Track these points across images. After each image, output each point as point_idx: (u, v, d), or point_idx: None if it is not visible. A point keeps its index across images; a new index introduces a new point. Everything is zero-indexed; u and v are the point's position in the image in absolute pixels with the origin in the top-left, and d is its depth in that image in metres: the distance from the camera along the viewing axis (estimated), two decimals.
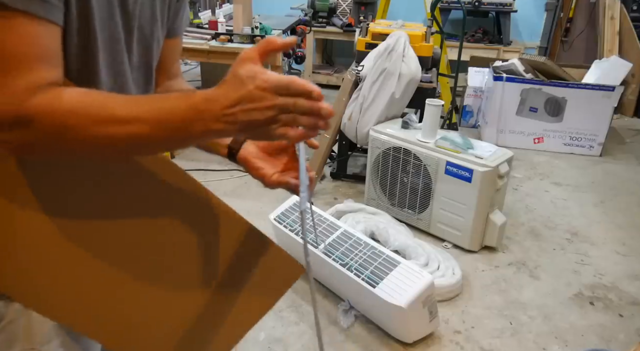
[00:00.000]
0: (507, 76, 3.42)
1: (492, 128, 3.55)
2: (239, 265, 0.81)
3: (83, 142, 0.56)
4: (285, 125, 0.55)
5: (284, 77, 0.54)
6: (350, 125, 2.66)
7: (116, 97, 0.58)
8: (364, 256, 1.79)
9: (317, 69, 4.83)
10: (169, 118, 0.55)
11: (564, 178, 3.15)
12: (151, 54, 0.78)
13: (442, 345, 1.79)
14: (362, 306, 1.86)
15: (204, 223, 0.77)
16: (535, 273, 2.21)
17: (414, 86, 2.55)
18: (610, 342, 1.83)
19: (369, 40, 2.73)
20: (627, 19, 4.22)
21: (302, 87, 0.54)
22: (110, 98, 0.58)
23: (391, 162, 2.45)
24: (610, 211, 2.77)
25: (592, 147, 3.49)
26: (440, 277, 1.99)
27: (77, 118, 0.55)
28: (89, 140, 0.56)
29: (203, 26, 3.17)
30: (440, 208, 2.34)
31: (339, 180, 2.95)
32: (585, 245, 2.44)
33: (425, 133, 2.33)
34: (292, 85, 0.54)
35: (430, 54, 2.71)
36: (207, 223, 0.78)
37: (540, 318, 1.94)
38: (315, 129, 0.57)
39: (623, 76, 3.40)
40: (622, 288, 2.13)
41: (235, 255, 0.80)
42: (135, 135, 0.56)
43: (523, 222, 2.62)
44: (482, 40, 4.53)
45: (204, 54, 2.97)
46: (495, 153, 2.21)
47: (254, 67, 0.54)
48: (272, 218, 2.07)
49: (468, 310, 1.97)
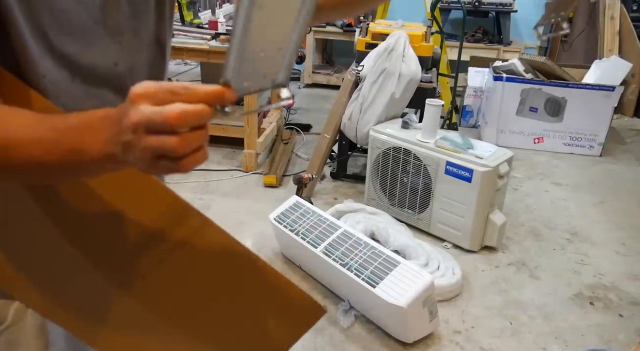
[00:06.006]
0: (507, 76, 3.42)
1: (492, 128, 3.55)
2: (253, 305, 0.78)
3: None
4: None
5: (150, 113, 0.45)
6: (350, 125, 2.66)
7: (21, 117, 0.53)
8: (364, 256, 1.79)
9: (317, 68, 4.83)
10: (61, 137, 0.50)
11: (564, 178, 3.15)
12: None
13: (442, 345, 1.79)
14: (362, 306, 1.86)
15: (215, 263, 0.74)
16: (535, 273, 2.21)
17: (414, 86, 2.55)
18: (610, 342, 1.83)
19: (369, 40, 2.73)
20: (627, 19, 4.22)
21: (163, 123, 0.45)
22: (16, 118, 0.52)
23: (391, 162, 2.45)
24: (610, 211, 2.77)
25: (592, 147, 3.49)
26: (440, 277, 1.99)
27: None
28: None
29: (203, 26, 3.17)
30: (440, 208, 2.34)
31: (339, 180, 2.95)
32: (585, 245, 2.44)
33: (425, 133, 2.33)
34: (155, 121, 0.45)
35: (430, 54, 2.71)
36: (219, 262, 0.74)
37: (540, 318, 1.94)
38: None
39: (623, 76, 3.39)
40: (622, 288, 2.13)
41: (248, 295, 0.77)
42: (29, 160, 0.51)
43: (523, 222, 2.62)
44: (482, 40, 4.53)
45: (204, 54, 2.97)
46: (495, 153, 2.21)
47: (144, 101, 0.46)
48: (272, 218, 2.07)
49: (468, 310, 1.97)
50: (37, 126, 0.51)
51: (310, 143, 3.20)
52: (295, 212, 2.05)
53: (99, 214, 0.68)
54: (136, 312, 0.74)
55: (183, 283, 0.74)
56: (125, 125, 0.46)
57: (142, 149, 0.46)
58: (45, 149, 0.50)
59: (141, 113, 0.45)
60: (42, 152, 0.50)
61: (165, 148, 0.45)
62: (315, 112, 3.96)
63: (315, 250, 1.87)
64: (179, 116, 0.45)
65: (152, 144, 0.45)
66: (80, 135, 0.50)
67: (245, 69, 0.47)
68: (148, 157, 0.46)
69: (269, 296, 0.78)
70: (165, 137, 0.45)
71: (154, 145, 0.45)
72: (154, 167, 0.47)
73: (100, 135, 0.49)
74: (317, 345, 1.76)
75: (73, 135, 0.50)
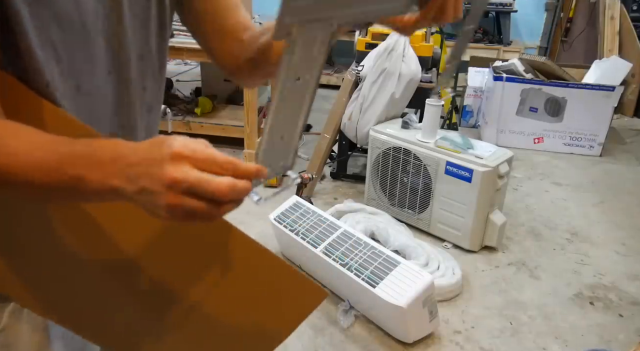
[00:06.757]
0: (507, 76, 3.42)
1: (492, 128, 3.55)
2: (253, 290, 0.79)
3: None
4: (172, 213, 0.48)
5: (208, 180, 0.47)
6: (350, 125, 2.66)
7: (24, 138, 0.53)
8: (364, 256, 1.79)
9: None
10: (64, 163, 0.50)
11: (564, 178, 3.15)
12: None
13: (442, 345, 1.79)
14: (362, 306, 1.86)
15: (215, 246, 0.75)
16: (535, 273, 2.21)
17: (414, 86, 2.55)
18: (610, 342, 1.83)
19: (369, 40, 2.73)
20: (627, 19, 4.22)
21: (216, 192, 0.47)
22: (19, 137, 0.52)
23: (391, 162, 2.45)
24: (610, 211, 2.77)
25: (592, 147, 3.49)
26: (440, 277, 1.99)
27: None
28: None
29: None
30: (440, 208, 2.34)
31: (339, 180, 2.95)
32: (585, 245, 2.44)
33: (425, 133, 2.33)
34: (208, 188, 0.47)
35: (430, 54, 2.71)
36: (219, 246, 0.75)
37: (540, 318, 1.94)
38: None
39: (623, 76, 3.40)
40: (622, 288, 2.13)
41: (249, 279, 0.78)
42: (28, 182, 0.51)
43: (523, 222, 2.62)
44: (482, 40, 4.54)
45: (204, 54, 2.97)
46: (495, 153, 2.21)
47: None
48: (272, 218, 2.07)
49: (468, 310, 1.97)
50: (39, 149, 0.51)
51: (310, 143, 3.19)
52: (295, 212, 2.05)
53: (98, 214, 0.68)
54: (138, 307, 0.74)
55: (180, 274, 0.74)
56: (155, 174, 0.47)
57: (172, 205, 0.47)
58: (45, 173, 0.50)
59: (186, 174, 0.46)
60: (42, 175, 0.50)
61: (205, 214, 0.48)
62: (315, 112, 3.95)
63: (315, 250, 1.87)
64: (230, 190, 0.47)
65: (190, 205, 0.47)
66: (83, 163, 0.50)
67: (270, 156, 0.53)
68: (176, 212, 0.47)
69: (269, 280, 0.78)
70: (205, 204, 0.47)
71: (191, 207, 0.47)
72: (177, 219, 0.48)
73: (104, 168, 0.49)
74: (317, 345, 1.76)
75: (76, 163, 0.50)
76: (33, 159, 0.50)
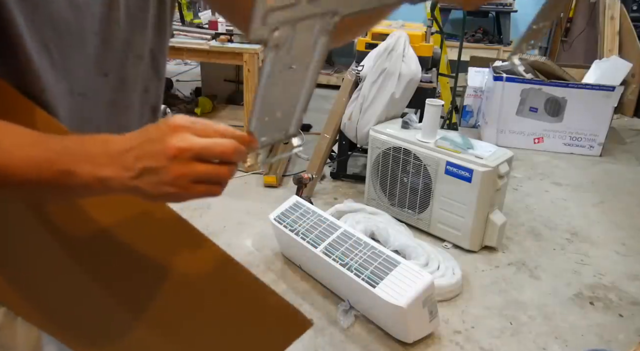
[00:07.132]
0: (507, 76, 3.42)
1: (492, 128, 3.55)
2: (237, 315, 0.78)
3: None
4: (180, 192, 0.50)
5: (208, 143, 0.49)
6: (350, 125, 2.66)
7: (15, 135, 0.52)
8: (364, 256, 1.79)
9: None
10: (55, 159, 0.50)
11: (564, 178, 3.15)
12: None
13: (442, 345, 1.79)
14: (362, 306, 1.86)
15: (204, 272, 0.74)
16: (535, 273, 2.21)
17: (414, 86, 2.55)
18: (610, 342, 1.83)
19: (369, 40, 2.73)
20: (627, 19, 4.22)
21: (222, 152, 0.50)
22: (10, 135, 0.52)
23: (391, 162, 2.45)
24: (610, 211, 2.77)
25: (592, 147, 3.49)
26: (440, 277, 1.99)
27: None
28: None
29: (203, 26, 3.17)
30: (440, 208, 2.34)
31: (339, 180, 2.95)
32: (585, 245, 2.44)
33: (425, 133, 2.33)
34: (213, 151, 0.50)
35: (430, 54, 2.71)
36: (202, 269, 0.74)
37: (540, 318, 1.94)
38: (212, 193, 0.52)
39: (623, 76, 3.40)
40: (622, 288, 2.13)
41: (234, 305, 0.77)
42: (21, 178, 0.51)
43: (523, 222, 2.62)
44: (482, 40, 4.54)
45: (204, 54, 2.98)
46: (495, 153, 2.21)
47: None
48: (272, 218, 2.07)
49: (468, 310, 1.97)
50: (31, 145, 0.51)
51: (310, 143, 3.19)
52: (295, 212, 2.05)
53: (93, 226, 0.67)
54: (125, 321, 0.73)
55: (169, 293, 0.73)
56: (157, 150, 0.48)
57: (178, 175, 0.49)
58: (37, 169, 0.50)
59: (191, 142, 0.48)
60: (34, 171, 0.50)
61: (220, 175, 0.50)
62: (315, 112, 3.95)
63: (315, 250, 1.87)
64: (235, 150, 0.50)
65: (200, 170, 0.49)
66: (73, 157, 0.50)
67: (263, 128, 0.53)
68: (184, 182, 0.49)
69: (254, 307, 0.78)
70: (217, 166, 0.50)
71: (202, 171, 0.49)
72: (183, 192, 0.50)
73: (94, 160, 0.50)
74: (317, 345, 1.76)
75: (65, 157, 0.50)
76: (22, 155, 0.50)
